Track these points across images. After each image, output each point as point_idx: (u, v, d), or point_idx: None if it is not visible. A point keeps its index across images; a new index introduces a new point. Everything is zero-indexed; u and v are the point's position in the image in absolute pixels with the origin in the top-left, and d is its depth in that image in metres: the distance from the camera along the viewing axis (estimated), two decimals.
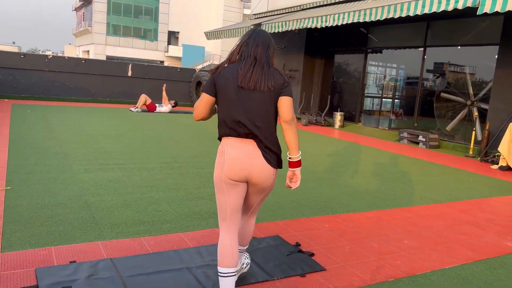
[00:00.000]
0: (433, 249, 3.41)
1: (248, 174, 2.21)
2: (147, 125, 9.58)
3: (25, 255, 2.75)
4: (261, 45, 2.24)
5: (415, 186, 5.58)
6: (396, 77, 13.31)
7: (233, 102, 2.19)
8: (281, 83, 2.20)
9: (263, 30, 2.36)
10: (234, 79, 2.19)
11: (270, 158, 2.22)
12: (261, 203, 2.48)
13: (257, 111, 2.18)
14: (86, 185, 4.44)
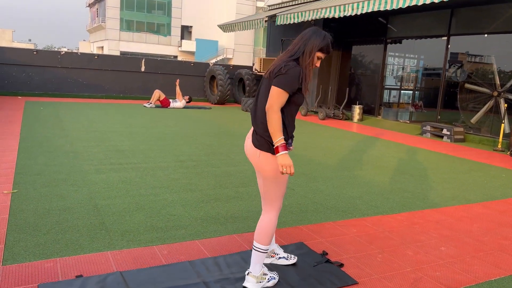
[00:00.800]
0: (475, 257, 3.08)
1: (246, 154, 2.47)
2: (161, 122, 9.36)
3: (28, 268, 2.52)
4: (302, 39, 2.34)
5: (445, 184, 5.22)
6: (416, 68, 12.82)
7: (257, 92, 2.42)
8: (276, 71, 2.26)
9: (319, 29, 2.39)
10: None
11: (255, 140, 2.36)
12: (268, 196, 2.42)
13: (259, 99, 2.37)
14: (97, 187, 4.21)
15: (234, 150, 6.52)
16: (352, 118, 12.02)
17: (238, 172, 5.16)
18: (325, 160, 6.19)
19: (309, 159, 6.23)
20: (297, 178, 5.05)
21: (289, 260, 2.75)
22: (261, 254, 2.41)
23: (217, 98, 14.44)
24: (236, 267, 2.66)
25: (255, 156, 2.37)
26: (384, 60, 12.25)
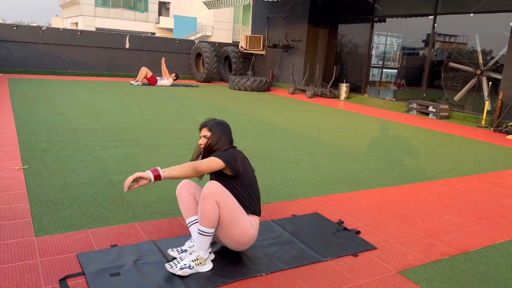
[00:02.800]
0: (478, 223, 3.30)
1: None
2: (152, 99, 9.30)
3: (62, 239, 2.58)
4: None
5: (439, 158, 5.46)
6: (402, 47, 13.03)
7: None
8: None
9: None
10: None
11: None
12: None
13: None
14: (106, 162, 4.23)
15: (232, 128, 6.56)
16: (339, 96, 12.20)
17: (240, 148, 5.25)
18: (321, 137, 6.34)
19: (306, 135, 6.37)
20: (299, 154, 5.18)
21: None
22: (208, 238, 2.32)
23: (204, 76, 14.36)
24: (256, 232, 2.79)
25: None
26: (371, 39, 12.40)
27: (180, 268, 2.25)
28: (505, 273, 2.53)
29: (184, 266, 2.25)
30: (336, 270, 2.43)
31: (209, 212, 2.24)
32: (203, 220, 2.26)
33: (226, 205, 2.28)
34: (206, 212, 2.25)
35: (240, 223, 2.35)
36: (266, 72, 15.27)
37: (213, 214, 2.25)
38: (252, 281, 2.26)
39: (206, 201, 2.24)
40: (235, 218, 2.32)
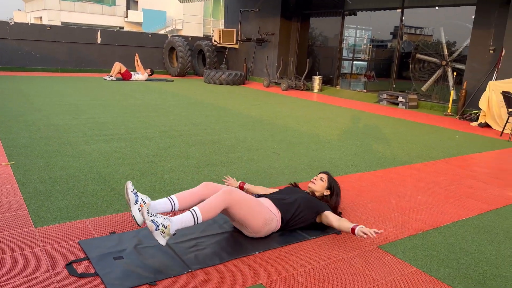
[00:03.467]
0: (447, 202, 3.61)
1: None
2: (128, 94, 9.31)
3: (61, 228, 2.69)
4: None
5: (409, 145, 5.79)
6: (372, 39, 13.43)
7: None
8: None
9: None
10: None
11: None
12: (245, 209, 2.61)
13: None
14: (92, 156, 4.32)
15: (211, 120, 6.74)
16: (313, 88, 12.50)
17: (222, 140, 5.42)
18: (298, 127, 6.58)
19: (284, 126, 6.59)
20: (279, 144, 5.40)
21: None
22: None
23: (178, 71, 14.37)
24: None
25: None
26: (342, 32, 12.73)
27: (151, 220, 2.22)
28: (471, 243, 2.83)
29: (154, 222, 2.23)
30: (322, 246, 2.66)
31: (214, 208, 2.41)
32: (205, 210, 2.40)
33: (242, 206, 2.50)
34: (211, 207, 2.41)
35: (258, 221, 2.56)
36: (240, 65, 15.41)
37: (214, 211, 2.42)
38: (249, 258, 2.45)
39: (219, 199, 2.43)
40: (252, 216, 2.54)
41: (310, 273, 2.34)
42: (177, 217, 2.36)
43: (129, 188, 2.44)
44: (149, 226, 2.23)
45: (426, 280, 2.33)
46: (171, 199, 2.57)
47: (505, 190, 4.05)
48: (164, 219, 2.29)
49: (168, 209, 2.54)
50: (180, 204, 2.58)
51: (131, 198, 2.41)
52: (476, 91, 8.70)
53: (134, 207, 2.41)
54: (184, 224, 2.35)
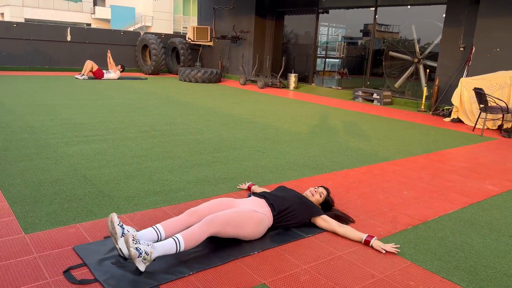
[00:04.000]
0: (431, 197, 3.72)
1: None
2: (102, 93, 9.10)
3: (53, 234, 2.61)
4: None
5: (388, 141, 5.93)
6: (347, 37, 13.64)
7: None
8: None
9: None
10: None
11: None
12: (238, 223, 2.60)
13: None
14: (75, 159, 4.21)
15: (192, 119, 6.69)
16: (289, 86, 12.58)
17: (206, 140, 5.39)
18: (280, 125, 6.62)
19: (266, 124, 6.62)
20: (263, 142, 5.42)
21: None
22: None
23: (151, 69, 14.15)
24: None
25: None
26: (317, 30, 12.86)
27: (136, 248, 2.17)
28: (459, 236, 2.93)
29: (138, 249, 2.18)
30: (318, 244, 2.69)
31: (197, 237, 2.36)
32: (188, 238, 2.33)
33: (226, 228, 2.47)
34: (194, 236, 2.35)
35: (248, 228, 2.57)
36: (214, 63, 15.33)
37: (197, 240, 2.37)
38: (248, 258, 2.46)
39: (202, 230, 2.38)
40: (241, 230, 2.54)
41: (311, 271, 2.37)
42: (159, 244, 2.30)
43: (115, 221, 2.32)
44: (133, 254, 2.17)
45: (422, 273, 2.40)
46: (157, 229, 2.47)
47: (483, 183, 4.22)
48: (147, 245, 2.24)
49: (154, 239, 2.44)
50: (166, 233, 2.47)
51: (117, 232, 2.31)
52: (448, 88, 8.99)
53: (121, 240, 2.32)
54: (166, 251, 2.28)
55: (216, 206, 2.67)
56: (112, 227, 2.31)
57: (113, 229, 2.31)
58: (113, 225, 2.31)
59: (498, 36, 7.81)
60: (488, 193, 3.92)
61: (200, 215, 2.58)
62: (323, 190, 3.17)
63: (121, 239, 2.32)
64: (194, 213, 2.58)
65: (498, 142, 6.37)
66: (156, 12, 43.14)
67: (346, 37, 13.53)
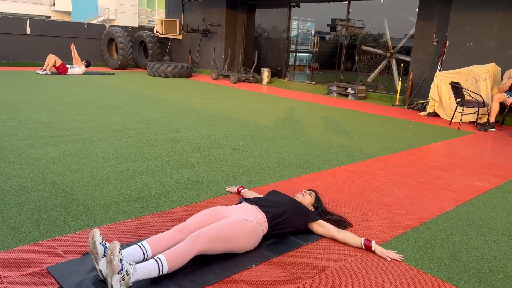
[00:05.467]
0: (424, 195, 3.62)
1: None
2: (68, 90, 8.58)
3: (22, 252, 2.30)
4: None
5: (370, 137, 5.83)
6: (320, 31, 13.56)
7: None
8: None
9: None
10: None
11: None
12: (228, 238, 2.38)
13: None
14: (42, 163, 3.84)
15: (167, 117, 6.37)
16: (262, 81, 12.37)
17: (183, 138, 5.11)
18: (259, 122, 6.40)
19: (244, 121, 6.38)
20: (244, 140, 5.19)
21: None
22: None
23: (118, 63, 13.59)
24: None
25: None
26: (289, 24, 12.69)
27: (120, 259, 1.94)
28: (460, 238, 2.82)
29: (122, 263, 1.94)
30: (318, 252, 2.50)
31: (182, 257, 2.13)
32: (171, 258, 2.09)
33: (214, 244, 2.25)
34: (178, 255, 2.11)
35: (241, 241, 2.36)
36: (184, 57, 14.91)
37: (182, 260, 2.13)
38: (246, 273, 2.24)
39: (187, 249, 2.14)
40: (233, 243, 2.33)
41: (316, 284, 2.17)
42: (140, 266, 2.03)
43: (97, 239, 2.04)
44: (115, 265, 1.90)
45: (432, 282, 2.26)
46: (143, 247, 2.20)
47: (471, 179, 4.17)
48: (129, 264, 1.98)
49: (140, 258, 2.17)
50: (152, 252, 2.20)
51: (99, 251, 2.03)
52: (422, 82, 9.03)
53: (102, 260, 2.04)
54: (147, 275, 2.02)
55: (206, 218, 2.42)
56: (93, 245, 2.03)
57: (94, 248, 2.03)
58: (95, 243, 2.02)
59: (471, 30, 7.89)
60: (478, 189, 3.86)
61: (189, 231, 2.32)
62: (312, 192, 3.00)
63: (103, 260, 2.04)
64: (184, 229, 2.32)
65: (475, 136, 6.41)
66: (120, 5, 41.81)
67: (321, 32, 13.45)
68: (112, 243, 1.97)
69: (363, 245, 2.56)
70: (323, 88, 11.20)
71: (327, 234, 2.67)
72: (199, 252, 2.19)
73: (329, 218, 2.86)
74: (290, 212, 2.65)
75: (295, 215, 2.66)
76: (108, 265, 1.92)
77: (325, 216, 2.90)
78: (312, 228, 2.72)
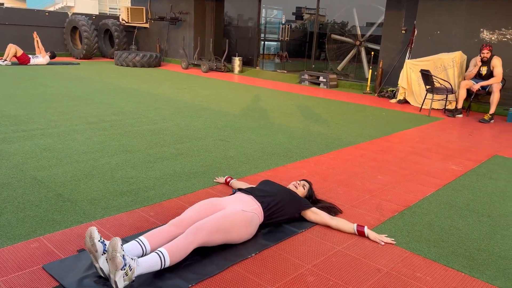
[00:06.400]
0: (407, 180, 3.74)
1: None
2: (34, 81, 8.23)
3: (14, 251, 2.21)
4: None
5: (346, 125, 5.94)
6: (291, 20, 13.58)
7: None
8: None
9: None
10: None
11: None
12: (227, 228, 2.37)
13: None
14: (19, 158, 3.69)
15: (142, 108, 6.24)
16: (233, 70, 12.30)
17: (163, 130, 5.03)
18: (236, 112, 6.38)
19: (221, 111, 6.35)
20: (224, 130, 5.17)
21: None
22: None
23: (83, 53, 13.12)
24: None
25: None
26: (259, 12, 12.63)
27: (122, 255, 1.90)
28: (445, 220, 2.95)
29: (125, 259, 1.91)
30: (314, 239, 2.55)
31: (183, 250, 2.12)
32: (172, 251, 2.08)
33: (214, 235, 2.25)
34: (179, 248, 2.10)
35: (239, 232, 2.37)
36: (151, 46, 14.59)
37: (184, 253, 2.12)
38: (247, 262, 2.25)
39: (187, 242, 2.13)
40: (231, 234, 2.33)
41: (316, 270, 2.22)
42: (142, 259, 2.02)
43: (95, 237, 1.98)
44: (118, 262, 1.87)
45: (424, 263, 2.36)
46: (141, 242, 2.17)
47: (446, 163, 4.34)
48: (131, 259, 1.96)
49: (139, 254, 2.14)
50: (151, 246, 2.17)
51: (98, 249, 1.98)
52: (392, 70, 9.26)
53: (102, 258, 2.00)
54: (149, 268, 2.01)
55: (202, 211, 2.41)
56: (92, 244, 1.97)
57: (93, 246, 1.98)
58: (93, 241, 1.97)
59: (439, 19, 8.13)
60: (455, 173, 4.03)
61: (187, 224, 2.31)
62: (305, 183, 3.04)
63: (102, 257, 1.99)
64: (181, 222, 2.30)
65: (445, 122, 6.66)
66: None
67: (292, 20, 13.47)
68: (112, 239, 1.93)
69: (356, 230, 2.63)
70: (295, 77, 11.27)
71: (320, 221, 2.73)
72: (199, 244, 2.19)
73: (320, 206, 2.92)
74: (284, 201, 2.68)
75: (289, 204, 2.70)
76: (111, 262, 1.89)
77: (316, 204, 2.96)
78: (306, 215, 2.76)
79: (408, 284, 2.15)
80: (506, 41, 7.44)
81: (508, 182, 3.86)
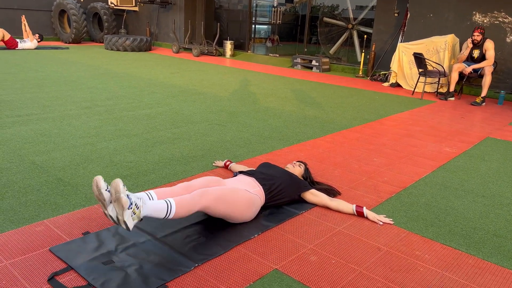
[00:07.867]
0: (402, 163, 3.80)
1: None
2: (23, 66, 8.10)
3: (19, 235, 2.23)
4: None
5: (341, 108, 5.98)
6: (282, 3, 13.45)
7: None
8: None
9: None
10: None
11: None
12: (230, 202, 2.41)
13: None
14: (16, 143, 3.66)
15: (135, 92, 6.20)
16: (225, 54, 12.22)
17: (158, 114, 5.02)
18: (229, 96, 6.38)
19: (215, 95, 6.33)
20: (219, 115, 5.17)
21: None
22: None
23: (72, 37, 12.91)
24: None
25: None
26: None
27: (127, 195, 1.93)
28: (440, 200, 3.02)
29: (129, 198, 1.94)
30: (314, 220, 2.60)
31: (188, 207, 2.17)
32: (180, 205, 2.14)
33: (218, 204, 2.29)
34: (185, 205, 2.15)
35: (241, 208, 2.40)
36: (141, 30, 14.39)
37: (187, 210, 2.17)
38: (250, 243, 2.30)
39: (194, 201, 2.19)
40: (233, 209, 2.37)
41: (318, 250, 2.27)
42: (151, 202, 2.07)
43: (102, 186, 1.98)
44: (123, 202, 1.89)
45: (422, 242, 2.43)
46: (149, 194, 2.22)
47: (440, 146, 4.42)
48: (137, 198, 1.99)
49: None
50: (158, 199, 2.23)
51: (106, 198, 1.99)
52: (384, 53, 9.28)
53: (111, 205, 2.03)
54: (155, 212, 2.05)
55: (208, 182, 2.48)
56: (99, 193, 1.98)
57: (100, 195, 1.98)
58: (100, 190, 1.98)
59: (431, 2, 8.14)
60: (449, 155, 4.10)
61: (194, 189, 2.39)
62: (301, 163, 3.08)
63: (111, 205, 2.01)
64: (189, 187, 2.39)
65: (437, 105, 6.74)
66: None
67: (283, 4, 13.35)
68: (113, 182, 1.94)
69: (355, 211, 2.69)
70: (287, 60, 11.24)
71: (320, 203, 2.78)
72: (203, 207, 2.23)
73: (318, 187, 2.97)
74: (285, 183, 2.72)
75: (289, 186, 2.74)
76: (116, 203, 1.90)
77: (314, 185, 3.01)
78: (305, 197, 2.81)
79: (408, 261, 2.21)
80: (498, 24, 7.49)
81: (500, 163, 3.95)
